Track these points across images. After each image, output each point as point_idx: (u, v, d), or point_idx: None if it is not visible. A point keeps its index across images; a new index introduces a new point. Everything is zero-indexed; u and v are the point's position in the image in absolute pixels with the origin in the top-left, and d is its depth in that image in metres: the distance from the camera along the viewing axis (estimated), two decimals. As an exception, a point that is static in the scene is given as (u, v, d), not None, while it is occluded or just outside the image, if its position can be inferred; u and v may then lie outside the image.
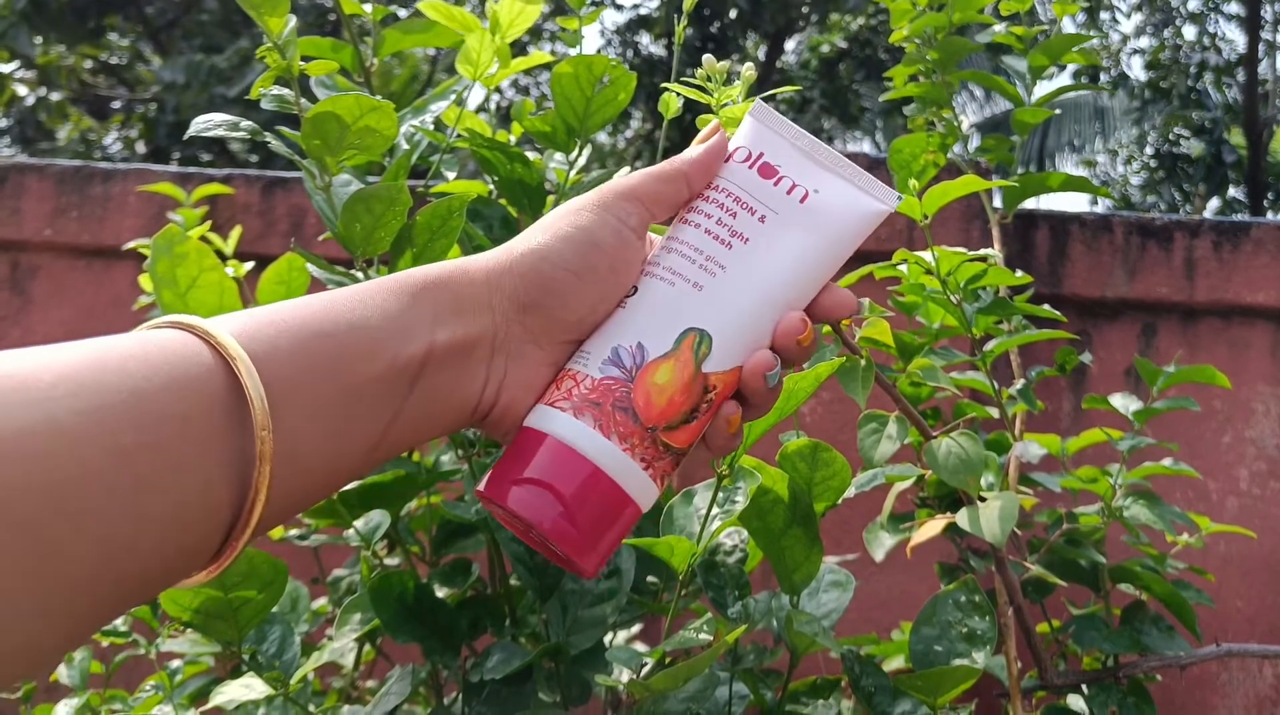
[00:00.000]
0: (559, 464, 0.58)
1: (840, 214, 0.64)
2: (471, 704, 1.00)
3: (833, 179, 0.65)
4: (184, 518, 0.46)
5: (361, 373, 0.53)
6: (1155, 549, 1.27)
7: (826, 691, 1.07)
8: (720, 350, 0.61)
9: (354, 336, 0.54)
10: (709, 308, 0.61)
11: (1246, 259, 1.83)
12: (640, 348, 0.60)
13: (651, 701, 0.93)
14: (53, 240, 2.10)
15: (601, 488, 0.58)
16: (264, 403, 0.48)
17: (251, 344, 0.50)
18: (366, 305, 0.56)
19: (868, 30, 12.29)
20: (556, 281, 0.60)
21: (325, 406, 0.52)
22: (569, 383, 0.60)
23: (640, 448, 0.59)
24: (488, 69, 1.10)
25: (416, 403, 0.56)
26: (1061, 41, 1.45)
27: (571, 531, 0.58)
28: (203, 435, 0.47)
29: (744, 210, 0.63)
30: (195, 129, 0.97)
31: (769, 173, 0.64)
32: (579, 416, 0.59)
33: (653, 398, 0.59)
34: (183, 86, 10.07)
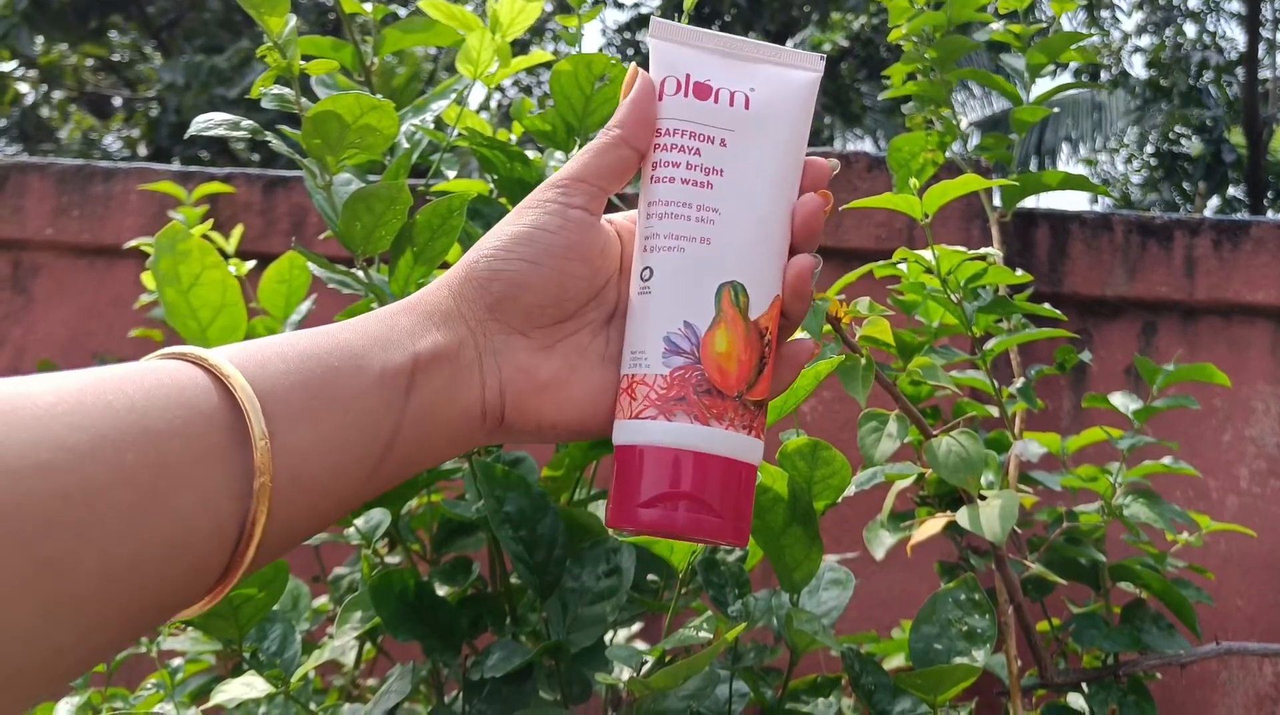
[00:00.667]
0: (682, 470, 0.59)
1: (784, 101, 0.64)
2: (472, 702, 1.00)
3: (760, 68, 0.65)
4: (188, 534, 0.46)
5: (352, 384, 0.54)
6: (1155, 547, 1.27)
7: (827, 689, 1.07)
8: (756, 293, 0.61)
9: (339, 353, 0.55)
10: (727, 256, 0.61)
11: (1246, 258, 1.83)
12: (688, 326, 0.60)
13: (651, 699, 0.93)
14: (54, 239, 2.10)
15: (726, 471, 0.60)
16: (260, 415, 0.49)
17: (243, 365, 0.50)
18: (348, 330, 0.57)
19: (869, 29, 12.28)
20: (513, 272, 0.61)
21: (320, 418, 0.52)
22: (642, 389, 0.61)
23: (738, 418, 0.60)
24: (488, 68, 1.10)
25: (415, 413, 0.57)
26: (1060, 39, 1.45)
27: (722, 524, 0.59)
28: (203, 452, 0.47)
29: (703, 143, 0.63)
30: (196, 128, 0.97)
31: (704, 92, 0.64)
32: (672, 417, 0.60)
33: (724, 366, 0.60)
34: (183, 87, 10.07)
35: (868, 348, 1.01)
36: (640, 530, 0.59)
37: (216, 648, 1.15)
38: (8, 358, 2.08)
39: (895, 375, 1.11)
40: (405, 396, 0.56)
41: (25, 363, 2.08)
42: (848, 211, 1.79)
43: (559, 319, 0.63)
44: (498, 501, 1.00)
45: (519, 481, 1.01)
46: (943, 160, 1.43)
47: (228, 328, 1.04)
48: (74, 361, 2.06)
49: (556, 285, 0.62)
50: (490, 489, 1.00)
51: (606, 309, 0.66)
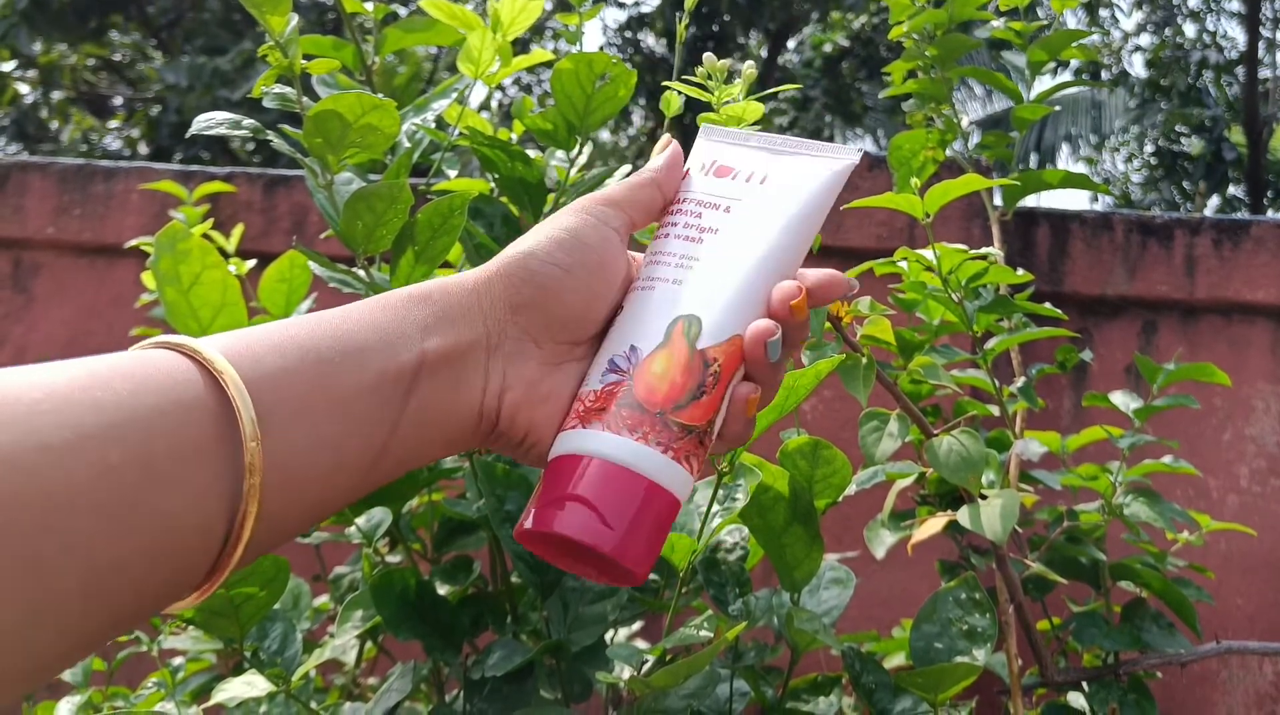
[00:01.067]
0: (578, 475, 0.57)
1: (803, 181, 0.65)
2: (473, 701, 1.00)
3: (790, 158, 0.66)
4: (174, 533, 0.45)
5: (351, 383, 0.53)
6: (1155, 546, 1.27)
7: (827, 688, 1.07)
8: (712, 326, 0.60)
9: (341, 348, 0.53)
10: (692, 295, 0.61)
11: (1247, 257, 1.83)
12: (633, 349, 0.60)
13: (652, 698, 0.93)
14: (55, 238, 2.10)
15: (630, 485, 0.57)
16: (251, 413, 0.48)
17: (237, 359, 0.49)
18: (351, 320, 0.55)
19: (870, 28, 12.28)
20: (545, 277, 0.60)
21: (315, 417, 0.51)
22: (577, 406, 0.60)
23: (654, 434, 0.58)
24: (489, 67, 1.10)
25: (414, 414, 0.56)
26: (1060, 37, 1.45)
27: (609, 532, 0.56)
28: (192, 450, 0.46)
29: (708, 209, 0.64)
30: (198, 127, 0.97)
31: (725, 172, 0.66)
32: (587, 427, 0.58)
33: (654, 385, 0.59)
34: (186, 89, 10.07)
35: (869, 347, 1.01)
36: (531, 535, 0.57)
37: (217, 646, 1.15)
38: (8, 357, 2.08)
39: (896, 374, 1.12)
40: (406, 397, 0.55)
41: (26, 361, 2.06)
42: (848, 211, 1.79)
43: (575, 340, 0.62)
44: (498, 500, 1.00)
45: (520, 480, 1.01)
46: (943, 159, 1.43)
47: (228, 327, 1.04)
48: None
49: (584, 302, 0.61)
50: (491, 488, 1.00)
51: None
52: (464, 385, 0.58)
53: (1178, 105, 13.51)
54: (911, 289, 1.11)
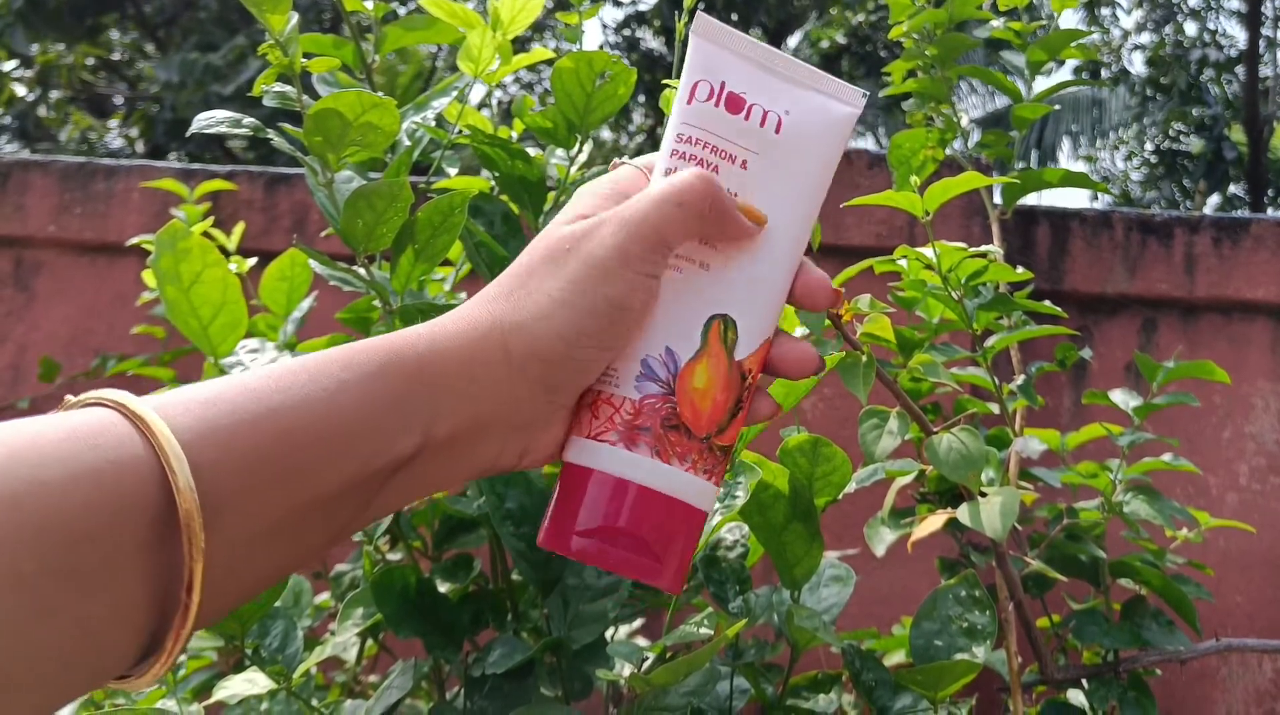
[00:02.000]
0: (629, 504, 0.55)
1: (818, 132, 0.60)
2: (473, 698, 1.01)
3: (799, 92, 0.60)
4: (88, 645, 0.40)
5: (326, 482, 0.47)
6: (1155, 544, 1.27)
7: (827, 686, 1.07)
8: (746, 332, 0.58)
9: (324, 434, 0.47)
10: (723, 286, 0.58)
11: (1246, 255, 1.83)
12: (669, 353, 0.57)
13: (652, 696, 0.94)
14: (56, 236, 2.10)
15: (676, 514, 0.56)
16: (199, 522, 0.42)
17: (199, 442, 0.43)
18: (349, 391, 0.49)
19: (868, 26, 12.28)
20: (586, 361, 0.55)
21: (275, 521, 0.46)
22: (607, 409, 0.57)
23: (701, 461, 0.57)
24: (489, 66, 1.10)
25: (395, 492, 0.51)
26: (1060, 37, 1.45)
27: (659, 570, 0.56)
28: (121, 552, 0.40)
29: (724, 160, 0.59)
30: (198, 126, 0.97)
31: (736, 105, 0.59)
32: (633, 447, 0.56)
33: (698, 405, 0.56)
34: (178, 85, 10.07)
35: (868, 345, 1.01)
36: (572, 557, 0.56)
37: (219, 644, 1.15)
38: (10, 355, 2.09)
39: (896, 372, 1.12)
40: (390, 479, 0.50)
41: (27, 360, 2.08)
42: (848, 209, 1.79)
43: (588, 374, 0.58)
44: (499, 498, 1.00)
45: (520, 478, 1.01)
46: (943, 157, 1.43)
47: (228, 325, 1.04)
48: (76, 359, 2.06)
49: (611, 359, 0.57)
50: (491, 486, 1.00)
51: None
52: (472, 457, 0.54)
53: (1178, 104, 13.51)
54: (911, 287, 1.11)
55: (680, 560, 0.57)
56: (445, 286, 1.17)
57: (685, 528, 0.57)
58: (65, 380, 2.03)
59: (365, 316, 1.11)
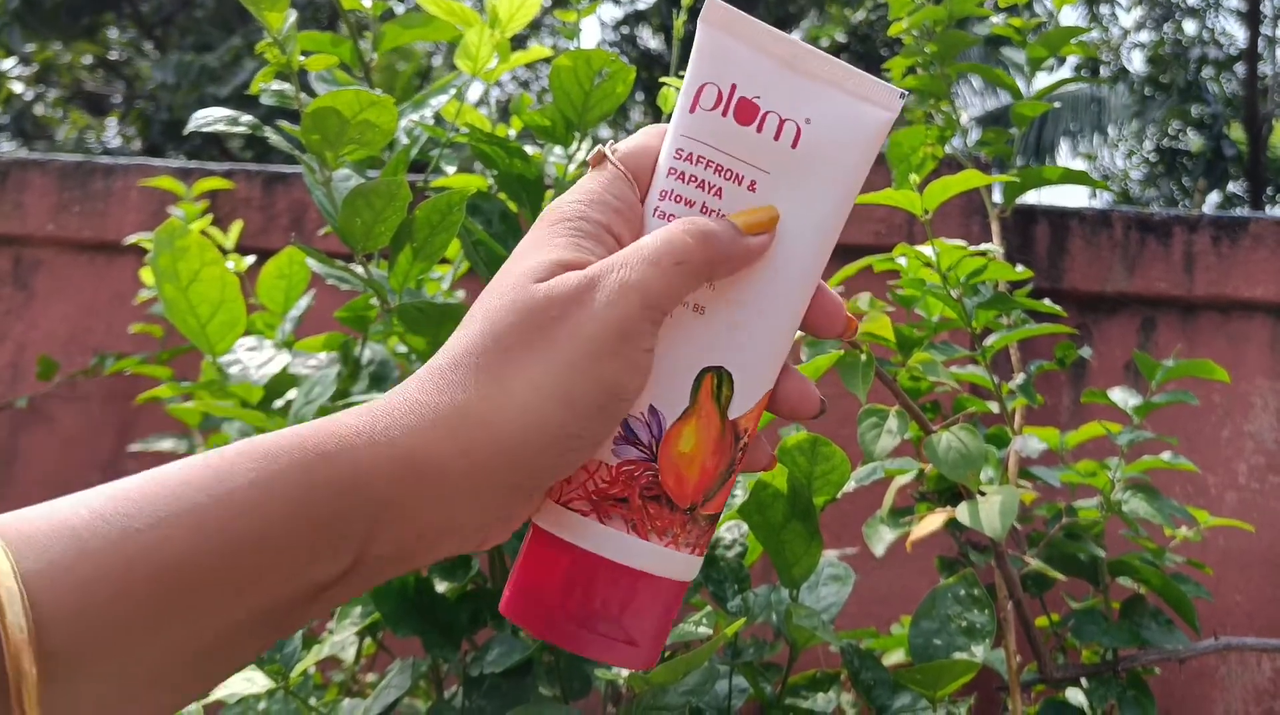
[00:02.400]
0: (602, 584, 0.49)
1: (843, 143, 0.51)
2: (471, 697, 1.00)
3: (826, 93, 0.51)
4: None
5: (229, 615, 0.39)
6: (1154, 543, 1.27)
7: (826, 685, 1.07)
8: (744, 386, 0.50)
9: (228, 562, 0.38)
10: (719, 332, 0.50)
11: (1245, 254, 1.83)
12: (653, 413, 0.49)
13: (651, 695, 0.93)
14: (55, 235, 2.10)
15: (653, 592, 0.50)
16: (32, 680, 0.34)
17: (50, 583, 0.35)
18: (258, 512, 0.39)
19: (868, 24, 12.29)
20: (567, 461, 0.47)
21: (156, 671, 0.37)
22: (579, 472, 0.49)
23: (683, 535, 0.50)
24: (487, 64, 1.10)
25: (319, 610, 0.43)
26: (1060, 34, 1.45)
27: (635, 654, 0.50)
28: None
29: (730, 182, 0.50)
30: (195, 124, 0.97)
31: (748, 114, 0.50)
32: (606, 520, 0.49)
33: (683, 472, 0.49)
34: (173, 86, 10.07)
35: (867, 343, 1.01)
36: (538, 637, 0.51)
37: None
38: (9, 353, 2.08)
39: (895, 371, 1.11)
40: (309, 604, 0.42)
41: (26, 358, 2.08)
42: (847, 207, 1.79)
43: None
44: (497, 497, 1.00)
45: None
46: (943, 155, 1.43)
47: (226, 323, 1.04)
48: (74, 357, 2.06)
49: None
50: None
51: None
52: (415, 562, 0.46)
53: (1177, 102, 13.52)
54: (910, 285, 1.11)
55: (657, 637, 0.51)
56: (443, 285, 1.17)
57: (663, 603, 0.51)
58: (64, 378, 2.02)
59: (363, 315, 1.11)
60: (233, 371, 1.04)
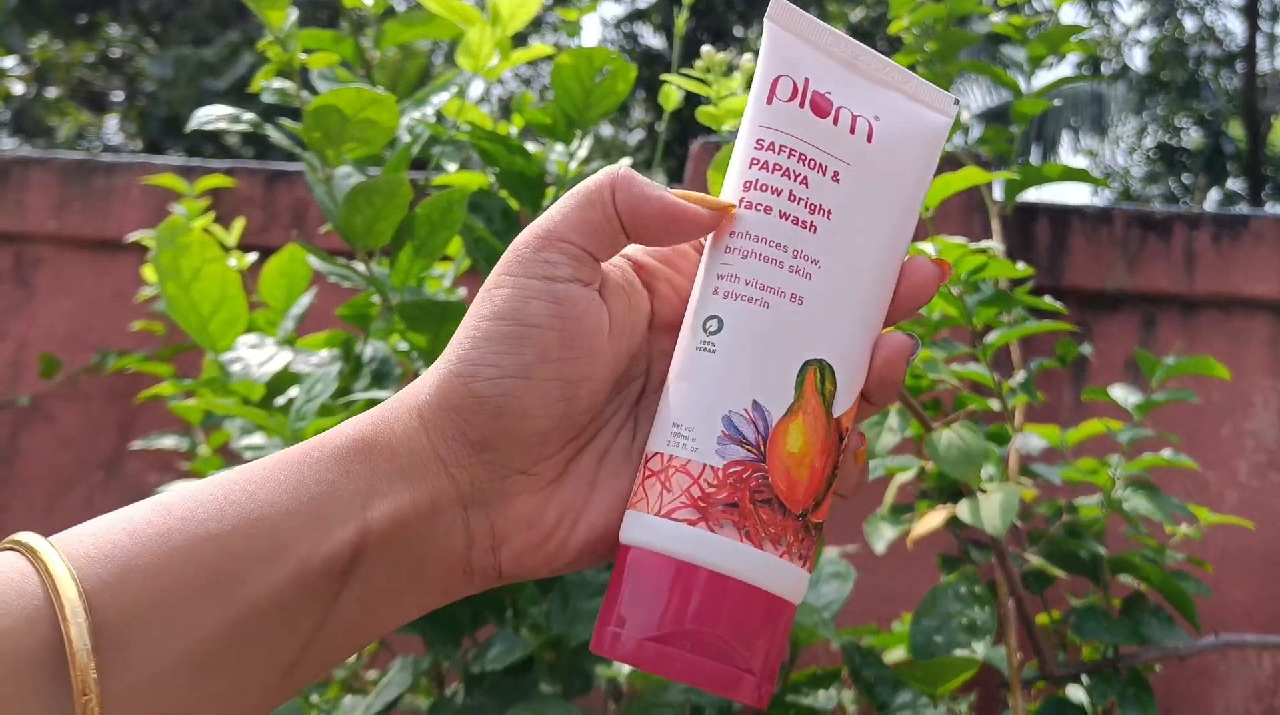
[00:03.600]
0: (713, 599, 0.45)
1: (911, 142, 0.51)
2: (473, 695, 1.01)
3: (888, 96, 0.51)
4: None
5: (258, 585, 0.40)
6: (1155, 540, 1.27)
7: (827, 682, 1.08)
8: (845, 380, 0.48)
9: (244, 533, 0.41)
10: (820, 326, 0.48)
11: (1246, 251, 1.83)
12: (758, 408, 0.47)
13: (652, 692, 0.94)
14: (56, 232, 2.10)
15: (767, 611, 0.46)
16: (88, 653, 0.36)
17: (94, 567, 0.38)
18: (269, 484, 0.42)
19: (868, 21, 12.28)
20: (499, 397, 0.45)
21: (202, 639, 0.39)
22: (681, 479, 0.46)
23: (797, 544, 0.47)
24: (489, 61, 1.10)
25: (355, 601, 0.43)
26: (1060, 31, 1.45)
27: (745, 678, 0.46)
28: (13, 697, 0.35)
29: (814, 172, 0.49)
30: (197, 122, 0.97)
31: (823, 108, 0.50)
32: (716, 529, 0.45)
33: (794, 474, 0.47)
34: (171, 81, 10.07)
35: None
36: (643, 668, 0.46)
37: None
38: (10, 351, 2.09)
39: (896, 368, 1.11)
40: (340, 584, 0.42)
41: (27, 356, 2.08)
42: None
43: (571, 437, 0.48)
44: (499, 494, 1.00)
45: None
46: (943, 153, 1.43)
47: (228, 320, 1.04)
48: (76, 354, 2.06)
49: (562, 401, 0.46)
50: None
51: (636, 389, 0.51)
52: (437, 548, 0.45)
53: (1177, 99, 13.52)
54: (911, 283, 1.11)
55: (770, 667, 0.47)
56: (444, 282, 1.17)
57: (775, 627, 0.47)
58: (65, 376, 2.03)
59: (364, 312, 1.11)
60: (234, 369, 1.04)
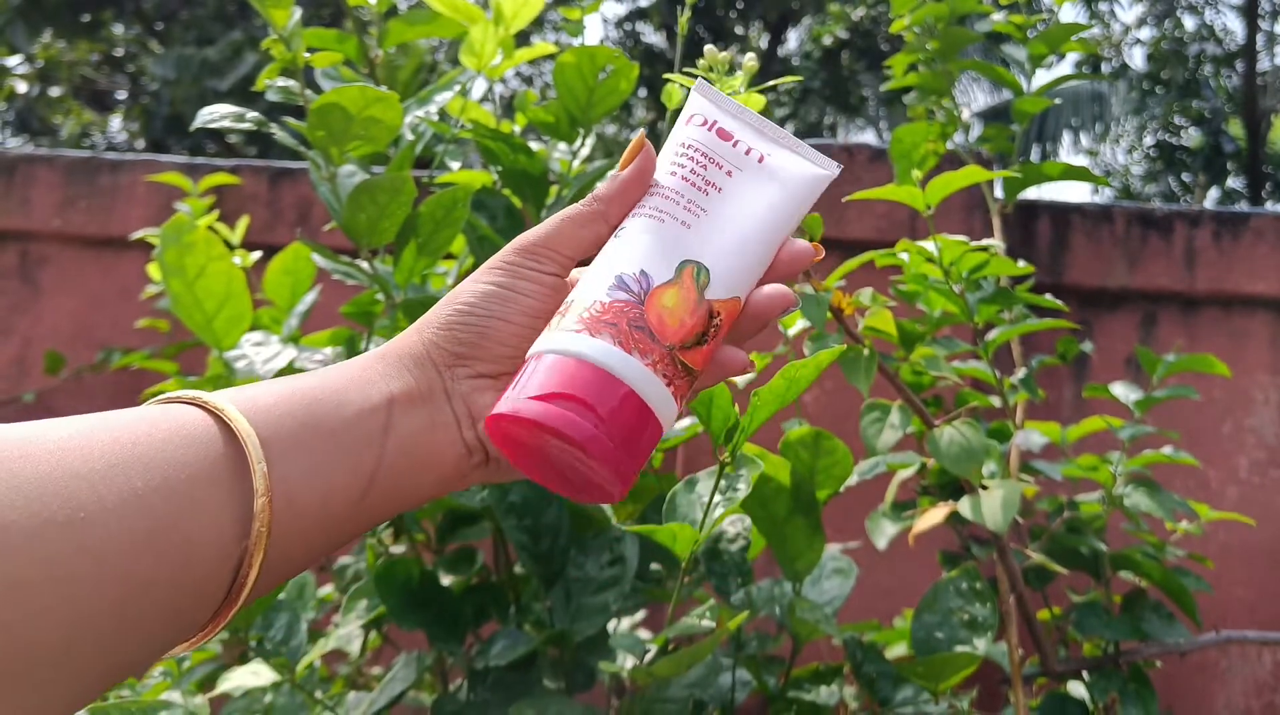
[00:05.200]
0: (587, 380, 0.57)
1: (794, 175, 0.66)
2: (476, 690, 1.01)
3: (780, 149, 0.67)
4: (196, 557, 0.49)
5: (335, 417, 0.56)
6: (1155, 537, 1.28)
7: (829, 678, 1.08)
8: (718, 281, 0.61)
9: (323, 390, 0.57)
10: (700, 243, 0.62)
11: (1246, 249, 1.84)
12: (644, 274, 0.60)
13: (655, 687, 0.94)
14: (61, 230, 2.10)
15: (631, 403, 0.57)
16: (255, 442, 0.52)
17: (238, 402, 0.53)
18: (330, 371, 0.59)
19: (869, 20, 12.28)
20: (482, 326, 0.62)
21: (309, 448, 0.54)
22: (575, 308, 0.60)
23: (661, 365, 0.58)
24: (492, 60, 1.11)
25: (397, 448, 0.58)
26: (1060, 30, 1.45)
27: (609, 447, 0.56)
28: (206, 479, 0.50)
29: (712, 165, 0.65)
30: (202, 120, 0.98)
31: (726, 137, 0.66)
32: (596, 335, 0.58)
33: (665, 318, 0.59)
34: (174, 81, 10.06)
35: (870, 338, 1.01)
36: (518, 421, 0.57)
37: (223, 636, 1.16)
38: (15, 348, 2.09)
39: (897, 365, 1.12)
40: (384, 433, 0.58)
41: (32, 353, 2.08)
42: (850, 203, 1.79)
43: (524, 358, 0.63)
44: (502, 491, 1.01)
45: (523, 470, 1.02)
46: (944, 151, 1.43)
47: (233, 318, 1.04)
48: (80, 352, 2.06)
49: (524, 338, 0.62)
50: (495, 478, 1.01)
51: None
52: (438, 425, 0.60)
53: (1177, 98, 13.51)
54: (913, 281, 1.12)
55: (629, 458, 0.57)
56: (448, 280, 1.17)
57: (637, 422, 0.58)
58: (70, 373, 2.03)
59: (368, 310, 1.11)
60: (239, 366, 1.04)
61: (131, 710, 0.88)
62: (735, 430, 0.84)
